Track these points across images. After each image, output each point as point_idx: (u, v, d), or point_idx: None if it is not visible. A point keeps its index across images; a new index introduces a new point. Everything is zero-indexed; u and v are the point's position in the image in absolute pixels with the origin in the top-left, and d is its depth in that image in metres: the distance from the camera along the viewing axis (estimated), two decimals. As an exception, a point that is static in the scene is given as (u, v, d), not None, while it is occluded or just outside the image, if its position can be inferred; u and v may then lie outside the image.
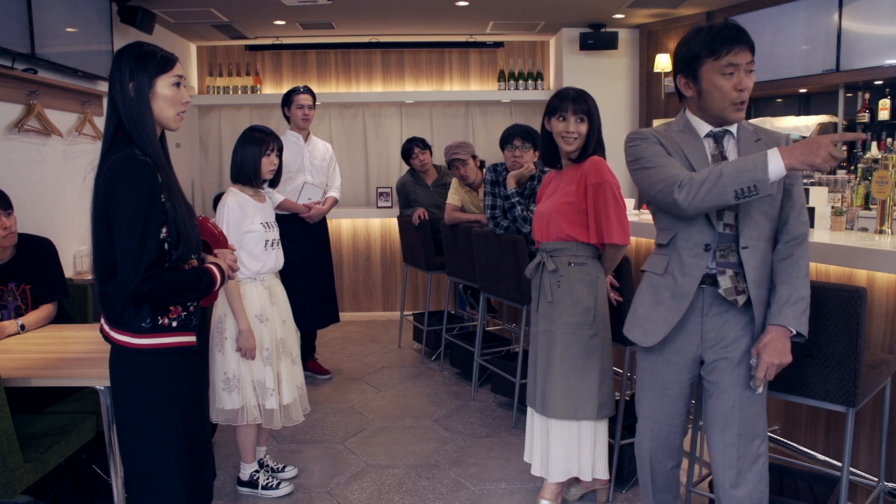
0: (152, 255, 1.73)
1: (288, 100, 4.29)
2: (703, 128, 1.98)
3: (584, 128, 2.59)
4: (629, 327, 2.08)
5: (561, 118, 2.58)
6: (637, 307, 2.08)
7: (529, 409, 2.77)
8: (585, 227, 2.57)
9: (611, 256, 2.63)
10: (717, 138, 1.98)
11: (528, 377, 2.77)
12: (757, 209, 1.90)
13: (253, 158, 2.85)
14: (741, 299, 1.92)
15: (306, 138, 4.34)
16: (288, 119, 4.34)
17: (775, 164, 1.71)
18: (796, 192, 1.95)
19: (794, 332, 1.88)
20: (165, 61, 1.82)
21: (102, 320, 1.88)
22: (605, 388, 2.60)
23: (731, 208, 1.90)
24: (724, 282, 1.92)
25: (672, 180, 1.84)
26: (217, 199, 3.01)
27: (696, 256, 1.93)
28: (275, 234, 2.93)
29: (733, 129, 1.99)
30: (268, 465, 3.05)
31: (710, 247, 1.92)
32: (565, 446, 2.62)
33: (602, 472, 2.67)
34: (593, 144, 2.61)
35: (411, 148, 4.86)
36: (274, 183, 3.03)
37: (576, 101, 2.57)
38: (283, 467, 3.09)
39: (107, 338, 1.86)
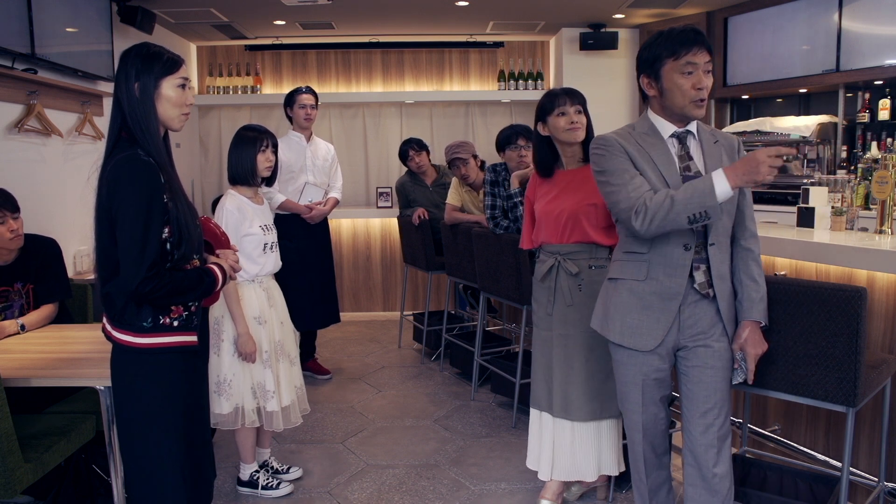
0: (154, 255, 1.73)
1: (290, 100, 4.29)
2: (667, 128, 2.05)
3: (584, 119, 2.60)
4: (620, 336, 2.10)
5: (561, 113, 2.58)
6: (624, 316, 2.09)
7: (535, 414, 2.75)
8: (608, 231, 2.55)
9: None
10: (681, 139, 2.05)
11: (537, 381, 2.72)
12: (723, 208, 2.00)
13: (248, 157, 2.84)
14: (711, 292, 2.03)
15: (309, 138, 4.34)
16: (290, 119, 4.34)
17: (721, 187, 1.83)
18: (747, 189, 2.05)
19: (763, 323, 2.07)
20: (171, 63, 1.83)
21: (104, 319, 1.88)
22: None
23: None
24: (699, 276, 2.03)
25: (629, 205, 1.93)
26: (216, 202, 3.01)
27: (679, 257, 2.01)
28: (273, 236, 2.92)
29: (693, 129, 2.07)
30: (271, 467, 3.05)
31: (689, 246, 2.01)
32: (595, 446, 2.62)
33: (623, 465, 2.67)
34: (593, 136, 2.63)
35: (407, 150, 4.86)
36: (271, 181, 3.01)
37: (570, 95, 2.60)
38: (288, 468, 3.08)
39: (108, 337, 1.87)
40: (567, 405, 2.60)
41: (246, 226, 2.81)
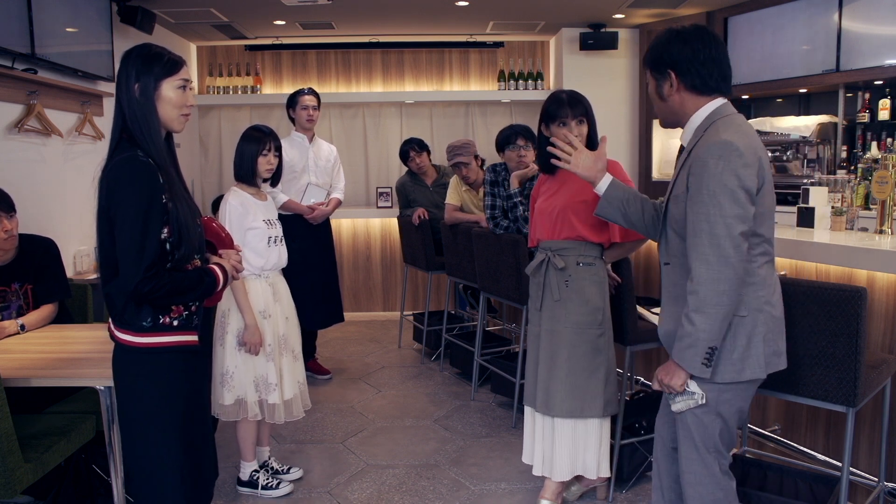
0: (152, 256, 1.73)
1: (293, 101, 4.30)
2: None
3: (584, 129, 2.61)
4: None
5: (561, 124, 2.59)
6: None
7: (528, 410, 2.76)
8: (597, 228, 2.58)
9: (629, 249, 2.72)
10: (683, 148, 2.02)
11: (528, 377, 2.76)
12: (670, 226, 1.93)
13: (250, 157, 2.90)
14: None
15: (311, 139, 4.34)
16: (293, 120, 4.35)
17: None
18: (689, 216, 1.82)
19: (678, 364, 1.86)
20: (172, 64, 1.83)
21: (109, 319, 1.89)
22: (610, 386, 2.61)
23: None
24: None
25: None
26: (216, 201, 3.05)
27: None
28: (277, 231, 2.97)
29: (682, 138, 1.98)
30: (271, 467, 3.05)
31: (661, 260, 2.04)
32: (571, 445, 2.62)
33: (606, 471, 2.67)
34: (596, 143, 2.64)
35: (407, 151, 4.85)
36: (275, 182, 3.05)
37: (572, 105, 2.59)
38: (288, 469, 3.09)
39: (112, 336, 1.87)
40: (548, 400, 2.62)
41: (249, 219, 2.86)
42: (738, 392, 1.89)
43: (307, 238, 4.25)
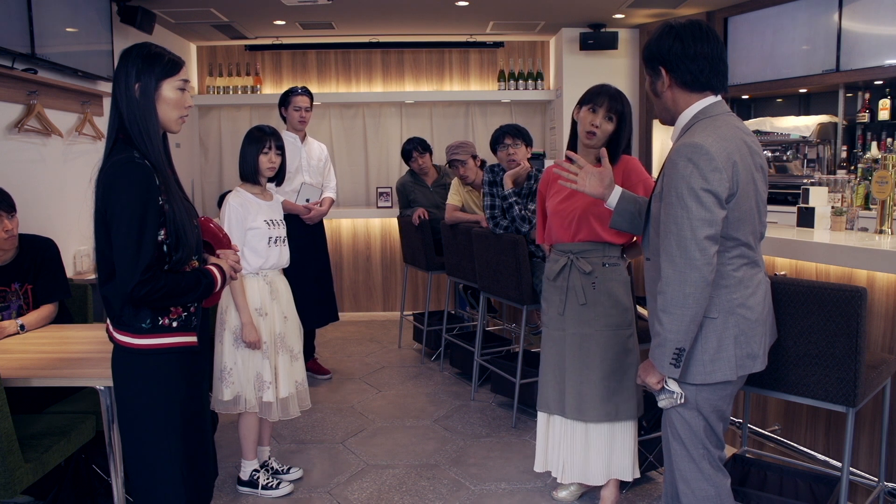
0: (149, 258, 1.73)
1: (285, 100, 4.28)
2: None
3: (609, 126, 2.50)
4: None
5: (591, 110, 2.50)
6: None
7: (543, 416, 2.72)
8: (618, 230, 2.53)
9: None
10: None
11: (546, 383, 2.69)
12: (652, 225, 1.93)
13: (252, 156, 2.92)
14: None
15: (303, 139, 4.34)
16: (284, 119, 4.34)
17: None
18: (661, 216, 1.83)
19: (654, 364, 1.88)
20: (172, 64, 1.82)
21: (108, 320, 1.88)
22: (640, 386, 2.59)
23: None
24: None
25: None
26: (221, 198, 3.06)
27: None
28: (280, 231, 2.98)
29: (674, 137, 1.97)
30: (271, 467, 3.05)
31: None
32: (603, 449, 2.59)
33: (637, 471, 2.65)
34: (623, 147, 2.55)
35: (410, 151, 4.85)
36: (279, 181, 3.06)
37: (612, 98, 2.50)
38: (288, 469, 3.09)
39: (110, 338, 1.87)
40: (581, 406, 2.57)
41: (250, 220, 2.89)
42: (714, 392, 1.89)
43: (302, 238, 4.23)
